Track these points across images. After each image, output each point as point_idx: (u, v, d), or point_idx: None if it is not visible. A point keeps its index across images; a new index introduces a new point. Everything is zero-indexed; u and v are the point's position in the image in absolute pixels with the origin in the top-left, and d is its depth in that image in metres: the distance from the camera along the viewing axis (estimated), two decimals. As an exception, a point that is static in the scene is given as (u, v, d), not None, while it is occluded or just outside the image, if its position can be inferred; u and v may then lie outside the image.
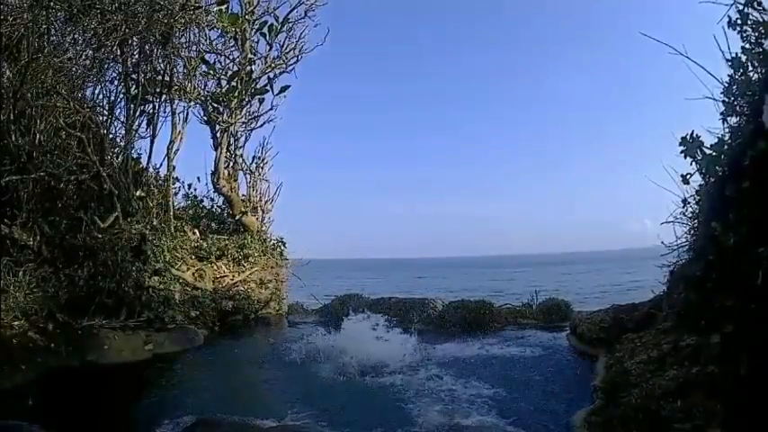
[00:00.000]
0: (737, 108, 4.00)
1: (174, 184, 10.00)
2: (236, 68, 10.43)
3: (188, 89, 9.67)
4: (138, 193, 8.00)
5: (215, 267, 9.37)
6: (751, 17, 3.89)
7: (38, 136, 6.49)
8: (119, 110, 8.02)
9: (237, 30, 10.09)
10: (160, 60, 8.67)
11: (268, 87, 10.95)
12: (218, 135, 10.58)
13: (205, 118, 10.53)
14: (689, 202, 4.76)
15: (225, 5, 9.79)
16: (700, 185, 4.52)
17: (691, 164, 4.38)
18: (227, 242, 9.92)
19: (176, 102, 9.49)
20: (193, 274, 8.80)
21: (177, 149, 9.61)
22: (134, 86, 8.03)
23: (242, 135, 11.05)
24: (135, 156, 8.40)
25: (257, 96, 10.92)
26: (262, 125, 11.14)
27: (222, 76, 10.51)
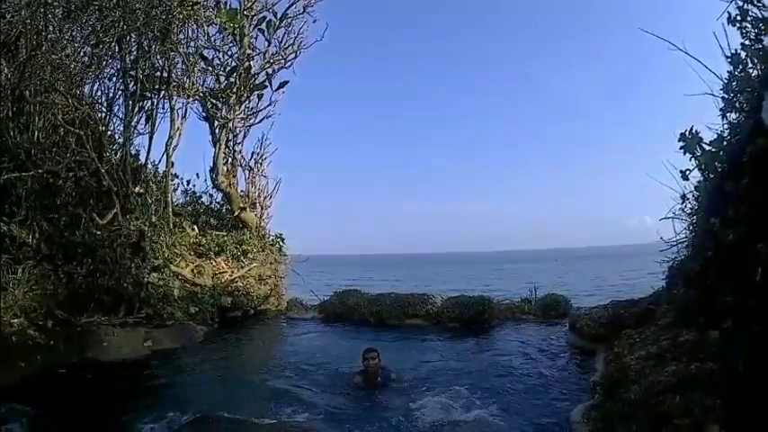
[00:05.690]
0: (737, 104, 3.99)
1: (172, 180, 10.01)
2: (234, 64, 10.42)
3: (186, 85, 9.64)
4: (136, 190, 7.99)
5: (214, 263, 9.37)
6: (751, 13, 3.87)
7: (36, 133, 6.46)
8: (117, 106, 7.98)
9: (236, 26, 10.06)
10: (158, 57, 8.64)
11: (267, 83, 10.95)
12: (216, 131, 10.58)
13: (204, 114, 10.54)
14: (688, 199, 4.76)
15: (223, 1, 9.76)
16: (699, 182, 4.51)
17: (690, 160, 4.38)
18: (225, 238, 9.92)
19: (175, 98, 9.46)
20: (192, 270, 8.80)
21: (176, 146, 9.60)
22: (132, 83, 8.00)
23: (241, 131, 11.08)
24: (133, 152, 8.36)
25: (256, 92, 10.91)
26: (260, 121, 11.17)
27: (221, 72, 10.50)
